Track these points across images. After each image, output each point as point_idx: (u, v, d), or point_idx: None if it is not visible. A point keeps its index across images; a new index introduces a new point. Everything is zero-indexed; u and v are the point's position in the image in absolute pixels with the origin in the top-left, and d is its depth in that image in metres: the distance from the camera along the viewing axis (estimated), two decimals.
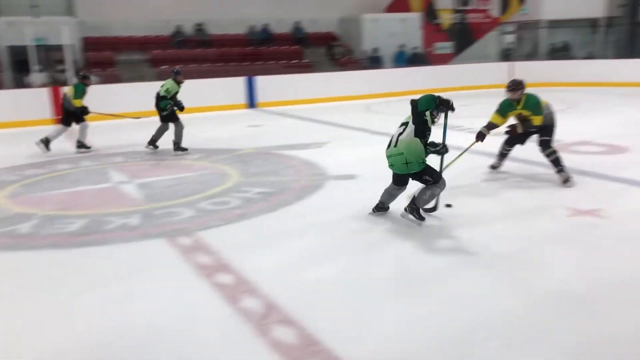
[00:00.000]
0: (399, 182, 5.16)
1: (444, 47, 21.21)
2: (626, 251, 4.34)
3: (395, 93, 16.76)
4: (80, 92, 9.23)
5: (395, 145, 4.93)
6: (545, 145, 6.30)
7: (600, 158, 7.55)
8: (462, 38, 21.47)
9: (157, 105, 8.97)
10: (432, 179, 4.92)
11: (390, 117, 11.31)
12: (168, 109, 8.84)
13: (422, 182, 4.99)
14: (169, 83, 8.92)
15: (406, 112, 4.98)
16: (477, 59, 20.60)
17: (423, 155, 4.89)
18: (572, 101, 13.97)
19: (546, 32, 21.65)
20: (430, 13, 20.57)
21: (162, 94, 8.85)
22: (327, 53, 19.59)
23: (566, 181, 6.19)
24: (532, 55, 21.95)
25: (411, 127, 4.87)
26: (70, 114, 9.36)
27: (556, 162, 6.28)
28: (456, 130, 10.20)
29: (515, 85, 6.16)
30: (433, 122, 4.91)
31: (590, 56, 20.69)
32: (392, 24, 19.76)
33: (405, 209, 5.15)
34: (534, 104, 6.14)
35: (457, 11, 21.23)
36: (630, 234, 4.69)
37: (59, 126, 9.57)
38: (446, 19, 21.09)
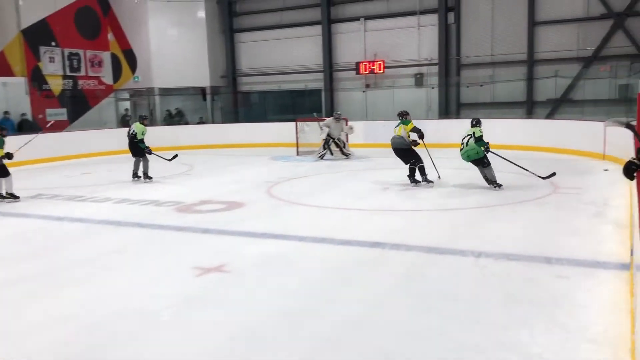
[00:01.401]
0: (478, 164, 9.38)
1: (58, 113, 20.03)
2: (249, 300, 4.63)
3: None
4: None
5: (467, 145, 9.22)
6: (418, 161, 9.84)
7: (221, 215, 8.08)
8: (77, 105, 20.69)
9: (132, 144, 11.45)
10: (487, 162, 9.23)
11: None
12: (148, 149, 11.41)
13: (481, 163, 9.28)
14: (142, 127, 11.44)
15: None
16: (95, 126, 20.09)
17: (482, 151, 9.09)
18: (191, 163, 14.83)
19: (160, 99, 22.70)
20: (36, 78, 19.18)
21: (139, 137, 11.33)
22: None
23: (429, 182, 9.77)
24: (149, 121, 22.62)
25: (473, 138, 9.12)
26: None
27: (422, 171, 9.79)
28: (79, 201, 9.58)
29: (408, 114, 10.20)
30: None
31: (202, 121, 22.53)
32: None
33: (493, 185, 9.28)
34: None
35: (67, 77, 20.39)
36: (252, 284, 5.06)
37: None
38: (56, 85, 20.01)
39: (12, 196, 9.66)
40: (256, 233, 6.85)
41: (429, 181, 9.73)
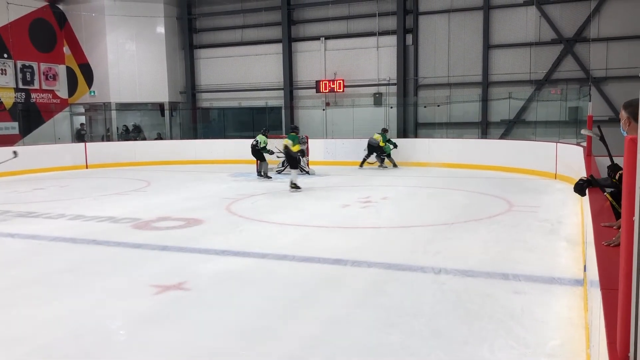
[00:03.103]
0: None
1: (9, 127, 19.41)
2: (209, 319, 4.55)
3: None
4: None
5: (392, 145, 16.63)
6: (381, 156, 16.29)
7: (179, 232, 7.93)
8: (29, 118, 20.13)
9: (255, 152, 14.40)
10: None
11: None
12: (269, 151, 14.46)
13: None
14: (264, 138, 14.32)
15: None
16: (48, 140, 19.54)
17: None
18: (149, 179, 14.57)
19: (117, 114, 22.29)
20: None
21: (262, 145, 14.24)
22: None
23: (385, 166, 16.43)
24: (106, 136, 22.18)
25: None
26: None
27: (382, 161, 16.20)
28: (31, 217, 9.27)
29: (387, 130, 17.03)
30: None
31: (160, 137, 22.20)
32: None
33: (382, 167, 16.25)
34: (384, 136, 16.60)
35: (19, 90, 19.82)
36: (212, 302, 4.98)
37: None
38: (8, 97, 19.42)
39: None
40: (216, 250, 6.76)
41: (384, 167, 16.21)
